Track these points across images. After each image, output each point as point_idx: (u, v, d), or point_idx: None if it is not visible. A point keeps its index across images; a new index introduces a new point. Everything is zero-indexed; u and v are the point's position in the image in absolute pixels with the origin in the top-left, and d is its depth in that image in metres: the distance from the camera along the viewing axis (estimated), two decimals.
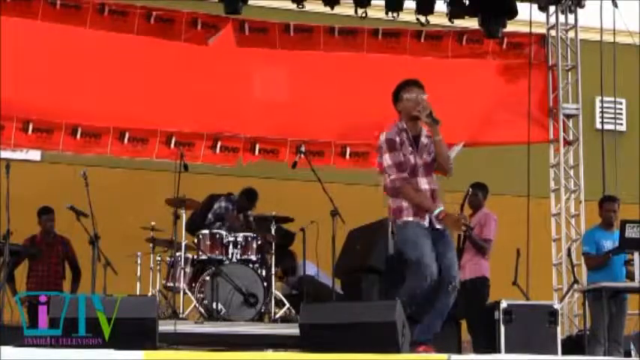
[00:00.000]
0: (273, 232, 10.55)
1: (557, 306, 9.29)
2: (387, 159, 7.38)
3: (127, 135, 11.26)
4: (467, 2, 11.41)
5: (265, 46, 11.48)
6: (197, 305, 10.08)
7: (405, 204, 7.38)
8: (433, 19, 11.49)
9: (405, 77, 11.69)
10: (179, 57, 11.30)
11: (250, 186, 11.26)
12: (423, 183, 7.44)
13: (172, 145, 11.26)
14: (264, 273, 10.39)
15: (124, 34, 11.04)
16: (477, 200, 10.15)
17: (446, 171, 7.53)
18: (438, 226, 7.36)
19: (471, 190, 10.06)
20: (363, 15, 11.27)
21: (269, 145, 11.77)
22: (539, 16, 12.11)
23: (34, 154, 12.68)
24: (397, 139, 7.38)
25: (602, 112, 14.06)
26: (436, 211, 7.31)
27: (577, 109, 12.00)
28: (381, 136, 7.46)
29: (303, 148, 10.76)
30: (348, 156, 11.93)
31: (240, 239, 10.45)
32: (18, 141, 10.99)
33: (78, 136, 11.10)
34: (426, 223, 7.35)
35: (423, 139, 7.51)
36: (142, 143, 11.34)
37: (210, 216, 10.91)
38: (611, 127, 14.63)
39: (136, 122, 11.31)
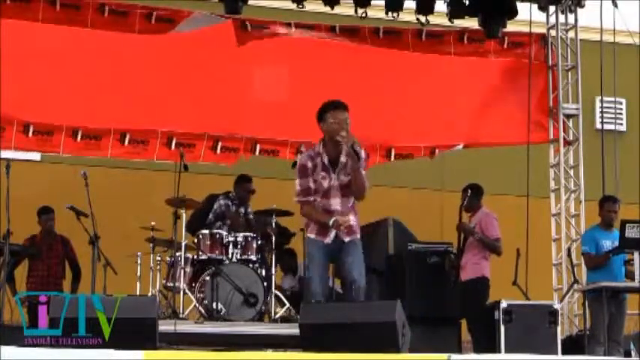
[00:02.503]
0: (273, 224, 10.55)
1: (557, 306, 9.31)
2: (296, 184, 7.79)
3: (127, 136, 11.26)
4: (467, 2, 11.41)
5: (266, 44, 11.47)
6: (197, 305, 10.08)
7: (307, 221, 7.83)
8: (433, 19, 11.49)
9: (407, 76, 11.84)
10: (180, 57, 11.29)
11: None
12: (336, 204, 7.71)
13: (173, 146, 11.25)
14: (264, 273, 10.39)
15: (124, 34, 11.03)
16: (472, 202, 10.17)
17: (358, 198, 7.80)
18: (345, 239, 7.66)
19: (470, 191, 10.10)
20: (363, 15, 11.27)
21: (270, 145, 11.78)
22: (539, 16, 12.10)
23: (34, 154, 12.66)
24: (309, 164, 7.71)
25: (602, 112, 14.04)
26: (330, 222, 7.61)
27: (577, 109, 12.00)
28: (298, 159, 7.91)
29: (303, 149, 10.75)
30: None
31: (240, 239, 10.45)
32: (18, 143, 10.98)
33: (78, 138, 11.09)
34: (329, 239, 7.67)
35: (342, 159, 7.72)
36: (142, 144, 11.34)
37: (210, 216, 10.90)
38: (611, 127, 14.62)
39: (137, 123, 11.30)
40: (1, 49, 10.35)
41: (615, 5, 11.24)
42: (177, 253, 10.23)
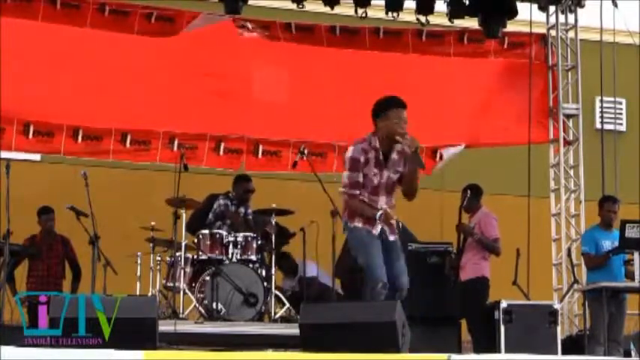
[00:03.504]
0: (273, 223, 10.56)
1: (557, 306, 9.31)
2: (345, 176, 7.55)
3: (128, 137, 11.24)
4: (467, 2, 11.41)
5: (267, 44, 11.48)
6: (197, 305, 10.08)
7: (354, 212, 7.58)
8: (433, 19, 11.49)
9: (408, 76, 11.84)
10: (181, 57, 11.29)
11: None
12: (382, 201, 7.57)
13: (175, 148, 11.19)
14: (264, 273, 10.39)
15: (125, 34, 11.03)
16: (471, 202, 10.17)
17: (408, 198, 7.64)
18: (390, 237, 7.53)
19: (469, 192, 10.10)
20: (364, 15, 11.28)
21: (272, 146, 11.76)
22: (539, 16, 12.11)
23: (34, 154, 12.66)
24: (362, 158, 7.48)
25: (602, 112, 14.05)
26: (377, 214, 7.46)
27: (577, 109, 12.00)
28: (348, 151, 7.58)
29: (304, 149, 10.78)
30: None
31: (240, 239, 10.45)
32: (18, 145, 10.95)
33: (79, 139, 11.07)
34: (376, 231, 7.51)
35: (394, 156, 7.59)
36: (144, 145, 11.31)
37: (210, 216, 10.90)
38: (611, 127, 14.62)
39: (138, 123, 11.28)
40: (1, 48, 10.36)
41: (615, 5, 11.25)
42: (177, 253, 10.23)
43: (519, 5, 11.51)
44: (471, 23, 11.83)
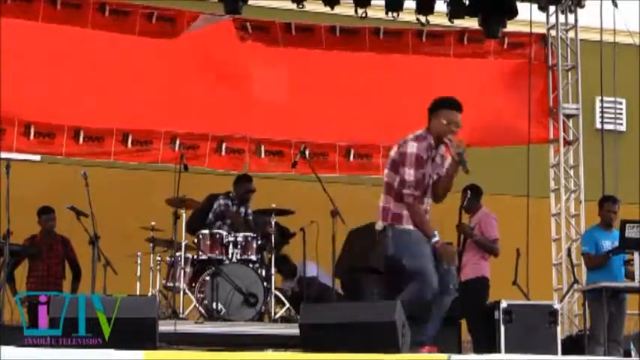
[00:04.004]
0: (272, 224, 10.56)
1: (557, 306, 9.31)
2: (410, 173, 7.28)
3: (130, 137, 11.23)
4: (467, 2, 11.41)
5: (268, 44, 11.48)
6: (197, 305, 10.08)
7: (404, 212, 7.40)
8: (433, 19, 11.50)
9: (408, 77, 11.83)
10: (182, 57, 11.29)
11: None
12: (427, 203, 7.49)
13: (177, 148, 11.16)
14: (264, 273, 10.39)
15: (126, 34, 11.03)
16: (472, 202, 10.17)
17: (439, 200, 7.57)
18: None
19: (469, 192, 10.10)
20: (364, 15, 11.28)
21: (274, 146, 11.76)
22: (539, 16, 12.11)
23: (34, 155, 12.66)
24: (425, 156, 7.34)
25: (602, 112, 14.06)
26: (433, 240, 7.35)
27: (577, 109, 12.00)
28: (411, 146, 7.34)
29: (304, 149, 10.78)
30: (352, 157, 11.92)
31: (240, 239, 10.45)
32: (19, 146, 10.94)
33: (80, 140, 11.06)
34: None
35: (437, 159, 7.50)
36: (145, 146, 11.30)
37: (210, 216, 10.90)
38: (611, 127, 14.63)
39: (139, 123, 11.27)
40: (1, 49, 10.35)
41: (615, 5, 11.25)
42: (177, 253, 10.23)
43: (519, 5, 11.52)
44: (471, 23, 11.84)
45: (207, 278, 10.16)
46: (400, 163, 7.34)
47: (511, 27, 11.75)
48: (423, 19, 11.42)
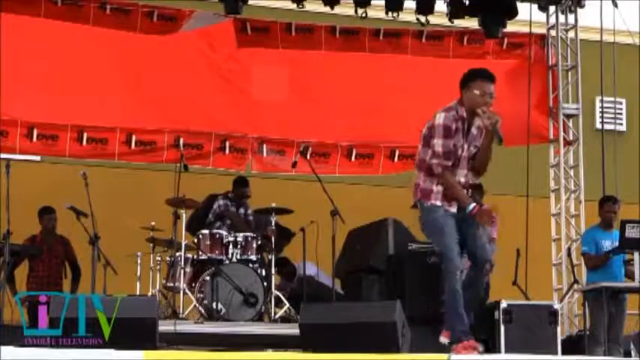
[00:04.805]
0: (272, 224, 10.55)
1: (557, 306, 9.29)
2: (438, 144, 7.25)
3: (133, 138, 11.21)
4: (467, 2, 11.41)
5: (267, 46, 11.48)
6: (197, 305, 10.08)
7: (435, 188, 7.37)
8: (433, 19, 11.50)
9: (408, 77, 11.84)
10: (184, 56, 11.29)
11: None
12: (461, 175, 7.41)
13: (181, 147, 11.13)
14: (264, 273, 10.39)
15: (127, 32, 11.02)
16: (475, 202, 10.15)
17: (479, 174, 7.55)
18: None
19: (471, 192, 10.08)
20: (363, 15, 11.28)
21: (276, 146, 11.75)
22: (539, 16, 12.10)
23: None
24: (453, 126, 7.28)
25: (602, 112, 14.05)
26: (470, 207, 7.30)
27: (577, 109, 12.00)
28: (438, 117, 7.31)
29: (304, 149, 10.77)
30: (353, 157, 11.91)
31: (240, 239, 10.45)
32: (22, 148, 10.91)
33: (84, 141, 11.03)
34: (454, 209, 7.35)
35: (474, 130, 7.43)
36: (149, 146, 11.28)
37: (210, 216, 10.91)
38: (611, 127, 14.63)
39: (143, 122, 11.25)
40: (2, 47, 10.35)
41: (615, 5, 11.24)
42: (177, 253, 10.24)
43: (519, 5, 11.51)
44: (471, 23, 11.84)
45: (207, 278, 10.16)
46: (429, 137, 7.34)
47: (511, 27, 11.75)
48: (422, 19, 11.41)
